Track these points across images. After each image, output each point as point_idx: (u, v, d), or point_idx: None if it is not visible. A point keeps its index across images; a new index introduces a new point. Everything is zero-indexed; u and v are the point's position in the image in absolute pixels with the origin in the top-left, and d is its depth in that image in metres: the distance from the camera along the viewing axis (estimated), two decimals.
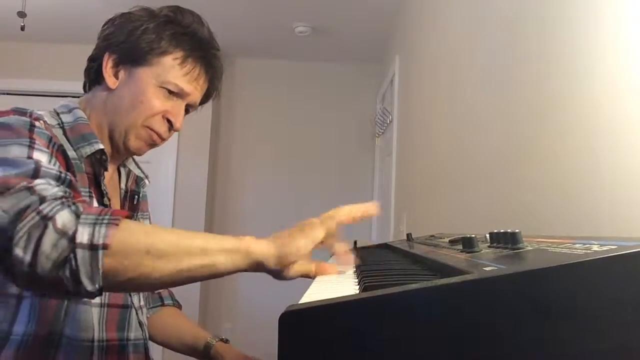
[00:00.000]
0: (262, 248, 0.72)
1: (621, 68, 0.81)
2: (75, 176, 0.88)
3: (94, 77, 1.00)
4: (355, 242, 1.75)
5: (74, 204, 0.67)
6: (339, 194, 4.09)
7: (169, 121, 1.00)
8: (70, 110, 0.97)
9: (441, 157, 2.03)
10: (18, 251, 0.62)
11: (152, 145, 1.02)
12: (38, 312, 0.84)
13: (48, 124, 0.90)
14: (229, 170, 4.15)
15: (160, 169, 3.90)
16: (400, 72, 3.12)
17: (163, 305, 1.22)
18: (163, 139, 1.02)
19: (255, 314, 3.85)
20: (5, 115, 0.84)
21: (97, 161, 0.95)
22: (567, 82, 0.98)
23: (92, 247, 0.63)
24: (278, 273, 0.74)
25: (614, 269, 0.37)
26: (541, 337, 0.37)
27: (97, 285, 0.64)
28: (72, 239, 0.63)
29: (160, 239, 0.67)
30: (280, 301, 0.80)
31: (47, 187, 0.68)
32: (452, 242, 0.84)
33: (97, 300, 0.91)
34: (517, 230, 0.58)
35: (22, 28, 2.64)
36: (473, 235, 0.67)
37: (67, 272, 0.63)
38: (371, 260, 1.00)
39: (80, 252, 0.63)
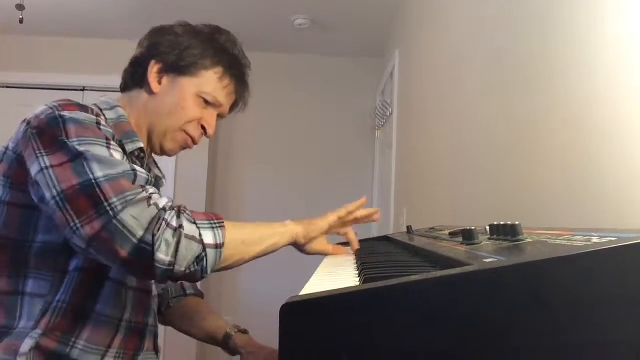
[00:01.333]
0: (297, 229, 1.03)
1: (623, 61, 0.81)
2: None
3: (137, 80, 1.08)
4: (355, 234, 1.75)
5: (185, 211, 0.84)
6: (339, 187, 4.09)
7: (203, 127, 1.10)
8: (112, 108, 1.04)
9: (441, 149, 2.02)
10: (161, 255, 0.78)
11: (185, 148, 1.13)
12: (75, 285, 0.92)
13: (106, 119, 0.98)
14: (229, 163, 4.15)
15: (160, 163, 3.89)
16: (400, 65, 3.11)
17: (185, 295, 1.28)
18: (195, 143, 1.12)
19: (256, 306, 3.86)
20: (70, 110, 0.90)
21: (137, 158, 1.03)
22: (569, 75, 0.98)
23: (217, 247, 0.84)
24: (303, 246, 1.06)
25: (614, 260, 0.37)
26: (541, 329, 0.37)
27: (214, 270, 0.85)
28: (201, 241, 0.82)
29: (248, 233, 0.93)
30: (281, 293, 0.82)
31: (157, 196, 0.84)
32: (452, 234, 0.85)
33: (133, 283, 1.01)
34: (517, 223, 0.59)
35: (21, 21, 2.63)
36: (473, 228, 0.67)
37: (200, 267, 0.82)
38: (372, 253, 1.00)
39: (210, 252, 0.83)
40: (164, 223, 0.80)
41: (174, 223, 0.81)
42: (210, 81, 1.08)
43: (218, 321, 1.25)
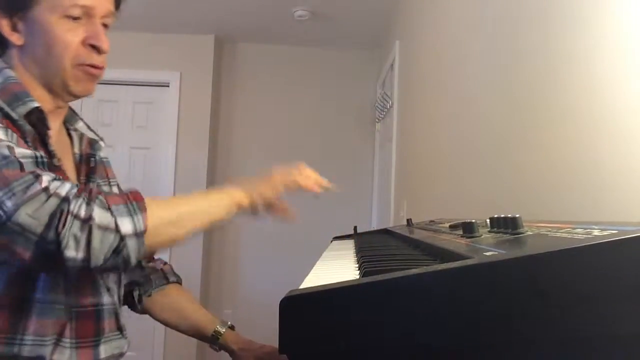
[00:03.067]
0: (238, 194, 0.93)
1: (622, 52, 0.81)
2: (26, 140, 0.85)
3: None
4: (355, 228, 1.76)
5: (96, 196, 0.74)
6: (339, 179, 4.06)
7: (93, 47, 0.92)
8: None
9: (441, 142, 2.02)
10: (70, 252, 0.70)
11: (95, 79, 0.95)
12: (7, 277, 0.83)
13: None
14: (229, 155, 4.14)
15: (160, 154, 3.89)
16: (400, 57, 3.10)
17: (168, 283, 1.19)
18: (100, 68, 0.94)
19: (256, 299, 3.87)
20: None
21: (38, 120, 0.89)
22: (568, 66, 0.98)
23: (137, 235, 0.75)
24: (252, 212, 0.96)
25: (615, 253, 0.37)
26: (541, 322, 0.37)
27: (139, 258, 0.78)
28: (117, 230, 0.73)
29: (178, 211, 0.83)
30: (280, 286, 0.81)
31: (57, 183, 0.73)
32: (453, 227, 0.85)
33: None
34: (517, 215, 0.58)
35: None
36: (473, 221, 0.67)
37: (120, 259, 0.74)
38: (371, 246, 1.00)
39: (129, 241, 0.74)
40: (69, 216, 0.70)
41: (83, 213, 0.71)
42: None
43: (204, 315, 1.18)
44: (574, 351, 0.37)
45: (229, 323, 1.16)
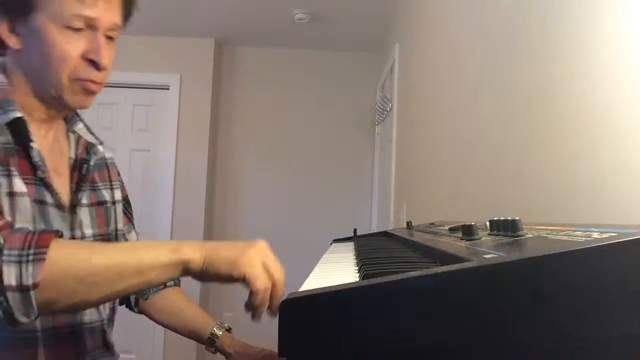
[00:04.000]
0: (192, 256, 0.71)
1: (622, 57, 0.81)
2: None
3: None
4: (355, 230, 1.76)
5: None
6: (339, 182, 4.09)
7: (93, 62, 0.87)
8: None
9: (441, 144, 2.02)
10: None
11: (93, 94, 0.90)
12: None
13: None
14: (229, 159, 4.14)
15: (160, 157, 3.89)
16: (400, 60, 3.10)
17: (166, 286, 1.18)
18: (98, 83, 0.89)
19: None
20: None
21: (22, 130, 0.84)
22: (568, 69, 0.98)
23: (22, 289, 0.62)
24: (201, 277, 0.73)
25: (614, 256, 0.37)
26: (541, 325, 0.37)
27: (32, 317, 0.64)
28: None
29: (92, 265, 0.66)
30: None
31: None
32: (452, 229, 0.85)
33: None
34: (517, 218, 0.58)
35: None
36: (473, 223, 0.67)
37: (0, 312, 0.62)
38: (371, 248, 1.00)
39: (10, 295, 0.62)
40: None
41: None
42: (62, 1, 0.83)
43: (201, 317, 1.16)
44: (573, 353, 0.37)
45: (226, 326, 1.15)
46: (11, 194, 0.80)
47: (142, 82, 3.91)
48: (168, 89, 3.92)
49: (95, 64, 0.87)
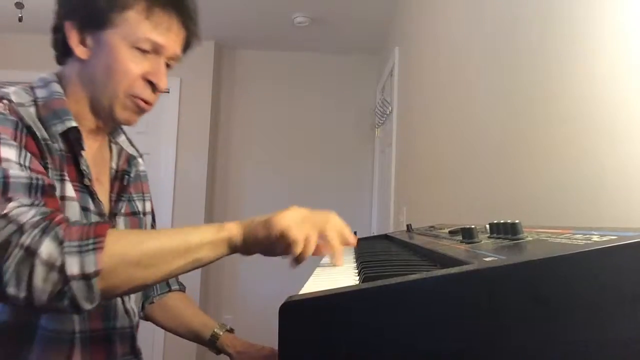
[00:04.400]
0: (235, 232, 0.76)
1: (622, 57, 0.81)
2: (46, 160, 0.83)
3: (62, 48, 0.92)
4: (354, 233, 1.75)
5: (54, 228, 0.66)
6: (339, 185, 4.09)
7: (151, 83, 0.92)
8: (46, 85, 0.90)
9: (441, 147, 2.02)
10: (11, 290, 0.64)
11: (141, 112, 0.95)
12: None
13: (15, 103, 0.83)
14: (229, 161, 4.15)
15: (160, 159, 3.89)
16: (400, 63, 3.11)
17: (170, 290, 1.20)
18: (150, 104, 0.94)
19: (255, 304, 3.87)
20: None
21: (75, 139, 0.88)
22: (567, 71, 0.98)
23: (85, 277, 0.66)
24: (246, 251, 0.78)
25: (614, 259, 0.37)
26: (541, 328, 0.37)
27: (95, 303, 0.68)
28: (62, 271, 0.64)
29: (146, 248, 0.71)
30: (280, 292, 0.81)
31: (22, 210, 0.68)
32: (452, 232, 0.85)
33: None
34: (517, 221, 0.58)
35: (20, 19, 2.62)
36: (473, 226, 0.67)
37: (66, 302, 0.66)
38: (371, 251, 1.00)
39: (74, 284, 0.65)
40: (16, 248, 0.64)
41: (33, 246, 0.64)
42: (137, 23, 0.88)
43: (203, 319, 1.17)
44: (573, 356, 0.37)
45: (228, 326, 1.16)
46: (63, 198, 0.84)
47: None
48: (168, 92, 3.92)
49: (152, 85, 0.92)
